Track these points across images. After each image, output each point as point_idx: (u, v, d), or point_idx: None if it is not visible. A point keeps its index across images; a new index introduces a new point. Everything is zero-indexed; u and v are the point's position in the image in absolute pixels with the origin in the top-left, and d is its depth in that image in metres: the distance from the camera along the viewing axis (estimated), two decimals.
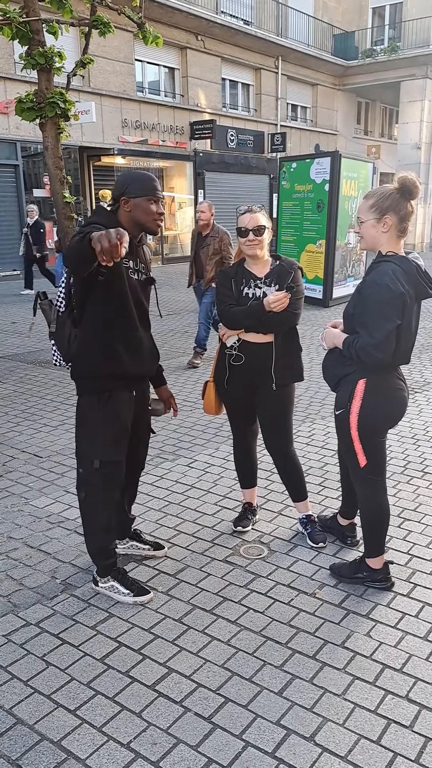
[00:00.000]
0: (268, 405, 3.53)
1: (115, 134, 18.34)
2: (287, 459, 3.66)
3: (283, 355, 3.43)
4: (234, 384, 3.52)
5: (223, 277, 3.51)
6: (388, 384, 2.97)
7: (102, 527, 3.11)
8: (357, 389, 2.94)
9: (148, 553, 3.49)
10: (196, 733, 2.36)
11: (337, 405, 3.07)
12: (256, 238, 3.33)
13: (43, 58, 7.30)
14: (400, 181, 2.82)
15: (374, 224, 2.85)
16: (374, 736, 2.35)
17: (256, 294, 3.38)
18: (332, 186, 11.42)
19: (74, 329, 2.95)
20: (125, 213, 2.86)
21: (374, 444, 3.06)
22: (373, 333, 2.77)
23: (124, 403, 3.01)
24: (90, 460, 2.99)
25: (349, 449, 3.08)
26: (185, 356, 8.34)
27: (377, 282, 2.78)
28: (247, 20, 22.49)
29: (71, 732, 2.37)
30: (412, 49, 24.70)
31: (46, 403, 6.33)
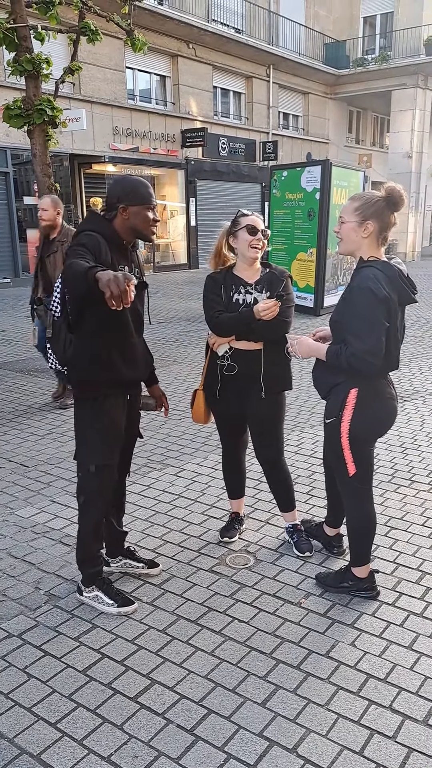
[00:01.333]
0: (259, 413, 3.50)
1: (106, 142, 18.36)
2: (277, 468, 3.63)
3: (272, 364, 3.40)
4: (225, 393, 3.49)
5: (211, 282, 3.45)
6: (379, 392, 2.96)
7: (96, 532, 3.12)
8: (349, 398, 2.92)
9: (143, 571, 3.43)
10: (178, 745, 2.34)
11: (328, 413, 3.05)
12: (262, 239, 3.32)
13: (31, 65, 7.31)
14: (388, 191, 2.81)
15: (355, 227, 2.84)
16: (357, 747, 2.33)
17: (246, 300, 3.35)
18: (323, 194, 11.45)
19: (70, 334, 2.96)
20: (123, 220, 2.86)
21: (364, 453, 3.05)
22: (364, 339, 2.74)
23: (119, 407, 3.04)
24: (87, 464, 3.01)
25: (338, 458, 3.06)
26: (176, 365, 8.33)
27: (360, 287, 2.77)
28: (238, 28, 22.59)
29: (51, 745, 2.34)
30: (403, 58, 24.87)
31: (34, 412, 6.30)
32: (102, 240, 2.79)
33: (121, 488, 3.38)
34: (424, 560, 3.56)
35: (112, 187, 2.91)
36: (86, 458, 3.01)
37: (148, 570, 3.43)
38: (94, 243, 2.75)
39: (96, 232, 2.81)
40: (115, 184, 2.91)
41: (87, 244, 2.73)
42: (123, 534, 3.44)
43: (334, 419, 2.99)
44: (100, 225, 2.86)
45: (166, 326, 11.05)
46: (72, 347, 2.95)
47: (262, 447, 3.60)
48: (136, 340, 3.05)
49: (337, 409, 2.97)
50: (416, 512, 4.14)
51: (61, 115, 7.82)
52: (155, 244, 20.77)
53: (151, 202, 2.88)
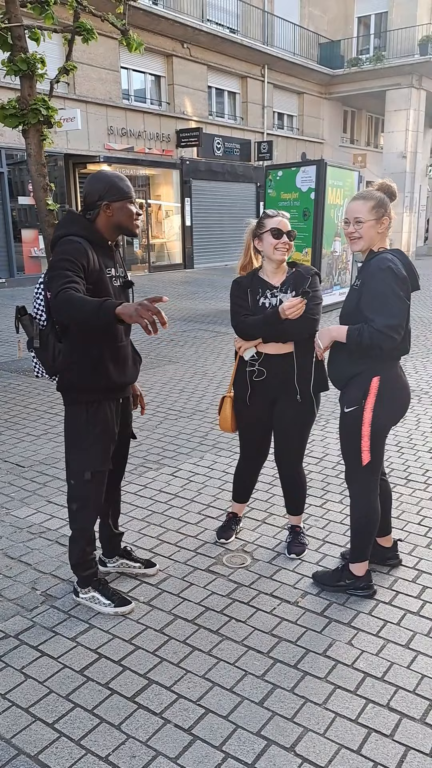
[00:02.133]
0: (289, 418, 3.42)
1: (101, 142, 18.33)
2: (296, 473, 3.59)
3: (306, 364, 3.33)
4: (256, 400, 3.42)
5: (237, 287, 3.39)
6: (397, 379, 3.03)
7: (88, 538, 3.09)
8: (372, 386, 2.95)
9: (140, 571, 3.42)
10: (176, 745, 2.34)
11: (348, 402, 3.04)
12: (288, 242, 3.29)
13: (26, 65, 7.29)
14: (384, 187, 3.01)
15: (374, 224, 2.95)
16: (354, 745, 2.33)
17: (272, 303, 3.29)
18: (318, 194, 11.46)
19: (59, 343, 2.89)
20: (106, 218, 2.82)
21: (380, 441, 3.08)
22: (388, 315, 2.80)
23: (111, 412, 3.00)
24: (81, 472, 2.96)
25: (353, 447, 3.06)
26: (171, 365, 8.33)
27: (380, 268, 2.86)
28: (233, 28, 22.58)
29: (49, 746, 2.34)
30: (398, 58, 24.89)
31: (30, 412, 6.29)
32: (86, 244, 2.73)
33: (117, 490, 3.36)
34: (420, 559, 3.57)
35: (90, 185, 2.84)
36: (81, 465, 2.97)
37: (145, 570, 3.42)
38: (79, 252, 2.69)
39: (78, 235, 2.75)
40: (94, 181, 2.84)
41: (72, 255, 2.66)
42: (119, 535, 3.43)
43: (356, 407, 3.00)
44: (82, 227, 2.80)
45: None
46: (61, 355, 2.89)
47: (284, 452, 3.54)
48: (125, 342, 3.01)
49: (359, 397, 2.99)
50: (412, 511, 4.15)
51: (56, 114, 7.79)
52: (150, 243, 20.78)
53: (132, 195, 2.86)
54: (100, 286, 2.78)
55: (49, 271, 2.75)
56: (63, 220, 2.93)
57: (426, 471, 4.80)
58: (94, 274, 2.74)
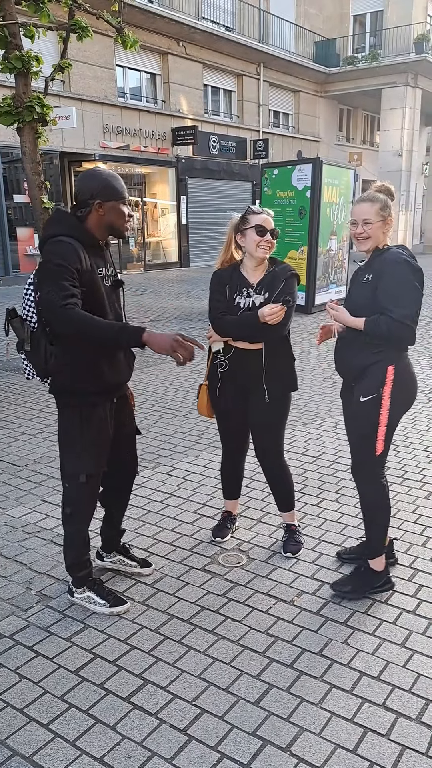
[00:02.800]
0: (261, 415, 3.45)
1: (97, 140, 18.30)
2: (278, 469, 3.60)
3: (275, 365, 3.34)
4: (226, 393, 3.45)
5: (217, 281, 3.39)
6: (409, 369, 3.12)
7: (83, 540, 3.08)
8: (388, 375, 3.02)
9: (135, 570, 3.41)
10: (171, 745, 2.33)
11: (365, 392, 3.08)
12: (271, 240, 3.28)
13: (20, 62, 7.25)
14: (383, 189, 3.14)
15: (381, 225, 3.07)
16: (351, 745, 2.33)
17: (246, 304, 3.30)
18: (314, 192, 11.45)
19: (50, 346, 2.83)
20: (98, 217, 2.78)
21: (392, 430, 3.14)
22: (406, 305, 2.92)
23: (106, 413, 2.96)
24: (76, 475, 2.93)
25: (368, 437, 3.09)
26: (167, 363, 8.32)
27: (397, 261, 2.98)
28: (228, 26, 22.56)
29: (44, 746, 2.33)
30: (393, 56, 24.90)
31: (25, 411, 6.27)
32: (77, 244, 2.69)
33: (129, 488, 3.34)
34: (416, 557, 3.57)
35: (83, 182, 2.80)
36: (75, 469, 2.93)
37: (141, 569, 3.41)
38: (71, 254, 2.64)
39: (68, 235, 2.71)
40: (88, 179, 2.80)
41: (66, 260, 2.62)
42: (120, 532, 3.43)
43: (373, 396, 3.04)
44: (72, 227, 2.76)
45: (158, 325, 11.03)
46: (53, 357, 2.83)
47: (264, 448, 3.56)
48: None
49: (376, 386, 3.04)
50: (408, 509, 4.15)
51: (51, 112, 7.76)
52: (146, 242, 20.75)
53: (125, 195, 2.84)
54: (93, 287, 2.74)
55: (41, 273, 2.69)
56: (52, 218, 2.88)
57: (422, 470, 4.80)
58: (86, 275, 2.70)
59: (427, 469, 4.80)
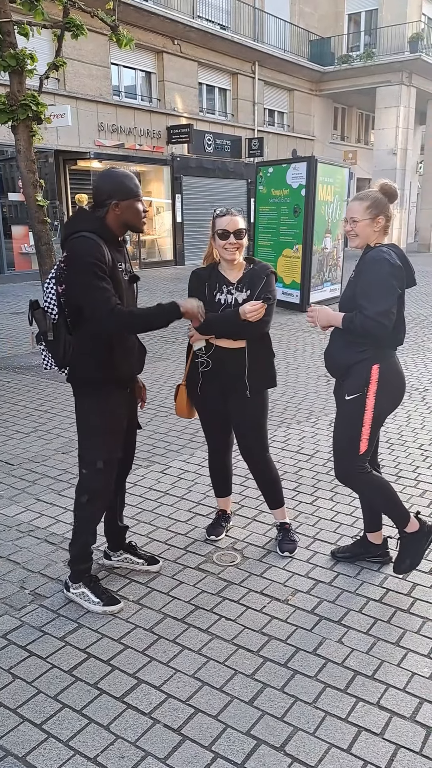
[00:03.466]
0: (243, 412, 3.47)
1: (92, 138, 18.26)
2: (263, 466, 3.61)
3: (256, 362, 3.38)
4: (207, 391, 3.47)
5: (196, 280, 3.42)
6: (394, 366, 3.13)
7: (94, 530, 3.14)
8: (372, 374, 3.03)
9: (142, 567, 3.42)
10: (165, 745, 2.32)
11: (350, 390, 3.10)
12: (237, 242, 3.26)
13: (15, 60, 7.24)
14: (383, 188, 3.10)
15: (369, 223, 3.05)
16: (344, 744, 2.32)
17: (228, 300, 3.33)
18: (308, 191, 11.45)
19: (69, 336, 2.96)
20: (115, 216, 2.88)
21: (377, 429, 3.16)
22: (377, 302, 2.92)
23: (120, 401, 3.07)
24: (93, 461, 3.02)
25: (352, 436, 3.11)
26: (161, 361, 8.31)
27: (375, 258, 2.99)
28: (223, 25, 22.52)
29: (37, 747, 2.32)
30: (388, 55, 24.91)
31: (19, 410, 6.25)
32: (100, 241, 2.80)
33: (123, 483, 3.40)
34: None
35: (100, 183, 2.91)
36: (93, 455, 3.03)
37: (148, 567, 3.42)
38: (99, 251, 2.77)
39: (91, 231, 2.81)
40: (103, 180, 2.90)
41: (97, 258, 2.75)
42: (124, 528, 3.45)
43: (358, 395, 3.06)
44: (94, 223, 2.86)
45: None
46: (71, 348, 2.95)
47: (248, 445, 3.57)
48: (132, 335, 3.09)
49: (361, 384, 3.06)
50: None
51: (46, 110, 7.75)
52: (141, 240, 20.72)
53: (140, 194, 2.93)
54: (115, 281, 2.86)
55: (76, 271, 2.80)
56: (74, 217, 3.02)
57: (416, 467, 4.80)
58: (110, 269, 2.83)
59: (421, 468, 4.81)
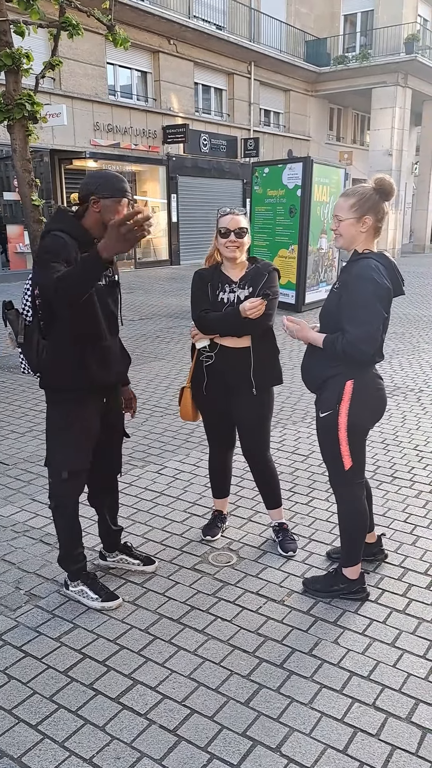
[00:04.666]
0: (248, 410, 3.47)
1: (87, 137, 18.22)
2: (264, 465, 3.61)
3: (262, 359, 3.37)
4: (213, 390, 3.45)
5: (199, 280, 3.42)
6: (371, 382, 2.99)
7: (71, 535, 3.09)
8: (345, 390, 2.91)
9: (138, 568, 3.41)
10: (161, 746, 2.32)
11: (323, 407, 3.01)
12: (237, 240, 3.27)
13: (11, 60, 7.22)
14: (378, 183, 2.86)
15: (353, 223, 2.87)
16: (340, 745, 2.32)
17: (230, 299, 3.33)
18: (304, 191, 11.45)
19: (43, 340, 2.88)
20: (94, 214, 2.79)
21: (359, 445, 3.04)
22: (361, 327, 2.77)
23: (93, 411, 2.98)
24: (59, 471, 2.96)
25: (333, 453, 3.01)
26: (157, 361, 8.30)
27: (363, 276, 2.79)
28: (219, 25, 22.49)
29: (32, 747, 2.31)
30: (384, 56, 24.91)
31: (14, 410, 6.23)
32: (69, 240, 2.71)
33: (113, 487, 3.36)
34: (406, 557, 3.57)
35: (86, 181, 2.85)
36: (58, 464, 2.96)
37: (144, 567, 3.42)
38: (60, 245, 2.68)
39: (64, 231, 2.74)
40: (89, 178, 2.85)
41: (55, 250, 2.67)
42: (118, 531, 3.43)
43: (330, 412, 2.96)
44: (69, 224, 2.80)
45: (148, 323, 11.00)
46: (45, 352, 2.88)
47: (250, 443, 3.56)
48: (110, 342, 2.98)
49: (334, 401, 2.94)
50: (398, 509, 4.15)
51: (42, 110, 7.73)
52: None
53: (125, 195, 2.81)
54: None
55: (35, 266, 2.76)
56: (51, 216, 2.96)
57: (411, 468, 4.81)
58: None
59: (416, 468, 4.81)
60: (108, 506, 3.35)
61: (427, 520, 4.01)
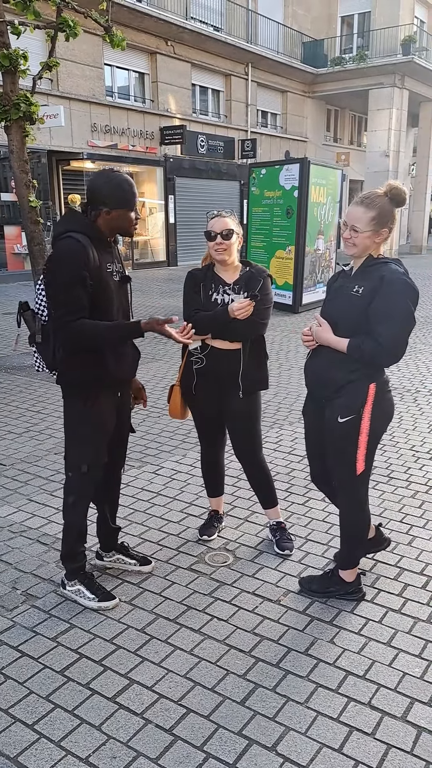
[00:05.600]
0: (237, 412, 3.48)
1: (85, 139, 18.23)
2: (257, 465, 3.62)
3: (251, 364, 3.39)
4: (202, 391, 3.47)
5: (191, 280, 3.42)
6: (387, 386, 2.98)
7: (81, 531, 3.14)
8: (370, 393, 2.87)
9: (134, 568, 3.43)
10: (157, 745, 2.32)
11: (343, 412, 2.91)
12: (224, 242, 3.26)
13: (8, 60, 7.22)
14: (393, 193, 2.82)
15: (371, 236, 2.82)
16: (336, 744, 2.33)
17: (224, 300, 3.34)
18: (301, 192, 11.47)
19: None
20: (106, 221, 2.86)
21: (374, 449, 3.00)
22: (398, 333, 2.77)
23: (110, 406, 3.05)
24: (78, 465, 3.02)
25: (349, 457, 2.94)
26: (154, 362, 8.31)
27: (397, 282, 2.76)
28: (216, 26, 22.52)
29: (28, 747, 2.32)
30: (380, 57, 24.95)
31: (11, 410, 6.23)
32: (87, 241, 2.78)
33: (116, 484, 3.41)
34: (402, 557, 3.58)
35: (97, 185, 2.83)
36: (78, 458, 3.02)
37: (140, 567, 3.43)
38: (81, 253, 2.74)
39: (79, 232, 2.80)
40: (102, 183, 2.83)
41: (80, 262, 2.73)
42: (116, 530, 3.45)
43: (353, 417, 2.88)
44: (83, 224, 2.85)
45: None
46: (61, 351, 2.93)
47: (241, 445, 3.58)
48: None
49: (358, 406, 2.88)
50: (394, 509, 4.16)
51: (39, 110, 7.74)
52: (134, 241, 20.70)
53: (135, 203, 2.91)
54: (101, 282, 2.85)
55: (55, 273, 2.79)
56: (64, 217, 3.01)
57: (408, 468, 4.82)
58: (95, 271, 2.81)
59: (412, 469, 4.82)
60: (109, 502, 3.38)
61: (423, 520, 4.02)
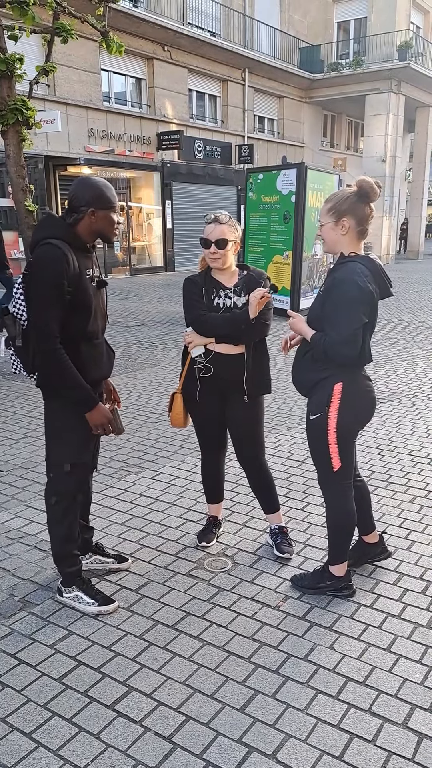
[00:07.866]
0: (240, 417, 3.47)
1: (82, 144, 18.25)
2: (259, 470, 3.61)
3: (255, 367, 3.38)
4: (206, 397, 3.45)
5: (191, 285, 3.40)
6: (360, 386, 3.03)
7: (66, 535, 3.11)
8: (335, 392, 2.94)
9: (112, 566, 3.43)
10: (156, 753, 2.30)
11: (313, 409, 3.05)
12: (217, 251, 3.25)
13: (4, 65, 7.23)
14: (357, 185, 2.89)
15: (332, 227, 2.92)
16: (336, 751, 2.31)
17: (227, 304, 3.32)
18: (298, 197, 11.48)
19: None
20: (89, 223, 2.85)
21: (348, 446, 3.07)
22: (341, 331, 2.81)
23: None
24: (61, 464, 3.01)
25: (322, 454, 3.06)
26: (152, 368, 8.29)
27: (345, 280, 2.83)
28: (213, 32, 22.60)
29: (26, 756, 2.30)
30: (377, 63, 25.04)
31: (9, 416, 6.22)
32: (66, 247, 2.76)
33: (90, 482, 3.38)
34: (401, 561, 3.57)
35: (79, 190, 2.85)
36: (61, 457, 3.01)
37: (118, 565, 3.43)
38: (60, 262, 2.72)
39: (58, 238, 2.77)
40: (83, 187, 2.85)
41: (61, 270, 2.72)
42: (90, 530, 3.44)
43: (320, 414, 2.99)
44: (63, 230, 2.83)
45: (143, 329, 11.00)
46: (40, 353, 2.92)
47: (244, 450, 3.57)
48: (101, 339, 3.08)
49: (323, 404, 2.98)
50: (393, 513, 4.15)
51: (35, 115, 7.75)
52: (131, 246, 20.72)
53: (116, 205, 2.93)
54: (81, 288, 2.83)
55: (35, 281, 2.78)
56: (42, 222, 2.98)
57: (406, 473, 4.81)
58: (74, 278, 2.80)
59: (411, 473, 4.81)
60: (83, 503, 3.34)
61: (422, 525, 4.01)
